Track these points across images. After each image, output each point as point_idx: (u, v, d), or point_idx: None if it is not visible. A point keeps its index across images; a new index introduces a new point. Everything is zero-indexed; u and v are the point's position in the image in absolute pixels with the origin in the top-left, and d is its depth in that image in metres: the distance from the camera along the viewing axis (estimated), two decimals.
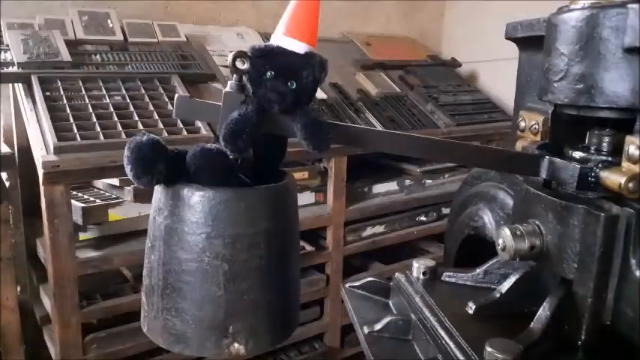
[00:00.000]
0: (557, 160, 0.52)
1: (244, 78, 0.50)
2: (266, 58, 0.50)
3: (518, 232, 0.50)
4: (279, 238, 0.51)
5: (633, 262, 0.45)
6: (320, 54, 0.53)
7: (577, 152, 0.53)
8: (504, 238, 0.50)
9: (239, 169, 0.51)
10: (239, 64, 0.49)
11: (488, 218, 0.74)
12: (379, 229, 1.64)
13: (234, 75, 0.50)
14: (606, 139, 0.52)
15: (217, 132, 0.49)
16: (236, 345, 0.49)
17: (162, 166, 0.47)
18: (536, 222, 0.51)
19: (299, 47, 0.51)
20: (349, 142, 0.56)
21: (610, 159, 0.50)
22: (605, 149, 0.52)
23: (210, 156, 0.48)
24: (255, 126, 0.48)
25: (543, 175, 0.53)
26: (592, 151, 0.53)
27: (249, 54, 0.49)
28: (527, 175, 0.55)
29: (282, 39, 0.51)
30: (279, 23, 0.52)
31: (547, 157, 0.53)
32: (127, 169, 0.47)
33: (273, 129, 0.51)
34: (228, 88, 0.50)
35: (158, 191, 0.51)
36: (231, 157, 0.49)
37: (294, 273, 0.56)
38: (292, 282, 0.55)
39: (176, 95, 0.53)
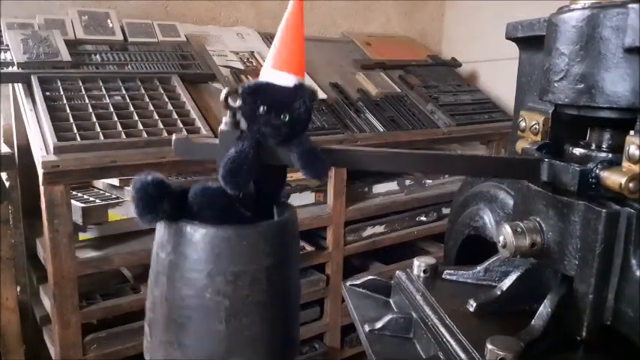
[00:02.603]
0: (557, 163, 0.52)
1: (238, 114, 0.51)
2: (257, 94, 0.51)
3: (518, 229, 0.50)
4: (280, 273, 0.52)
5: (634, 262, 0.45)
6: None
7: (577, 149, 0.53)
8: (505, 235, 0.50)
9: (240, 204, 0.52)
10: (231, 102, 0.50)
11: (488, 218, 0.75)
12: (379, 229, 1.64)
13: (228, 112, 0.51)
14: (606, 139, 0.52)
15: (217, 170, 0.50)
16: None
17: (167, 205, 0.48)
18: (537, 219, 0.51)
19: (288, 80, 0.52)
20: (346, 165, 0.57)
21: (610, 159, 0.50)
22: (605, 149, 0.52)
23: (210, 194, 0.49)
24: (252, 161, 0.49)
25: (544, 178, 0.53)
26: (593, 148, 0.53)
27: (240, 91, 0.50)
28: (528, 179, 0.55)
29: (271, 73, 0.53)
30: (267, 57, 0.54)
31: (546, 160, 0.53)
32: (132, 207, 0.48)
33: (270, 160, 0.52)
34: (223, 126, 0.51)
35: (161, 227, 0.52)
36: (231, 193, 0.50)
37: (294, 306, 0.56)
38: (292, 315, 0.56)
39: (173, 137, 0.53)
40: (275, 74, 0.52)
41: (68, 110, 1.20)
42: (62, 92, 1.25)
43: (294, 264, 0.55)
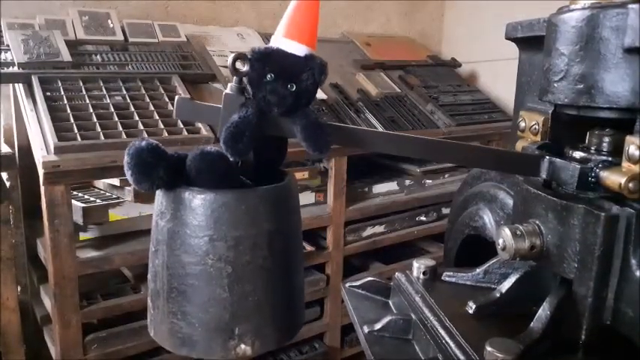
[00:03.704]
0: (558, 160, 0.52)
1: (244, 80, 0.50)
2: (266, 60, 0.50)
3: (518, 232, 0.50)
4: (281, 238, 0.51)
5: (633, 262, 0.45)
6: (320, 56, 0.53)
7: (577, 152, 0.53)
8: (504, 237, 0.50)
9: (240, 171, 0.52)
10: (239, 66, 0.49)
11: (488, 218, 0.74)
12: (379, 229, 1.64)
13: (234, 77, 0.50)
14: (606, 139, 0.52)
15: (218, 134, 0.49)
16: (242, 346, 0.49)
17: (163, 171, 0.48)
18: (537, 222, 0.51)
19: (299, 49, 0.51)
20: (349, 144, 0.56)
21: (610, 159, 0.50)
22: (605, 149, 0.52)
23: (210, 159, 0.48)
24: (255, 129, 0.48)
25: (544, 175, 0.53)
26: (592, 151, 0.53)
27: (249, 56, 0.49)
28: (527, 175, 0.55)
29: (282, 41, 0.51)
30: (279, 25, 0.52)
31: (547, 157, 0.53)
32: (128, 174, 0.47)
33: (273, 131, 0.51)
34: (228, 90, 0.50)
35: (160, 195, 0.51)
36: (231, 159, 0.49)
37: (297, 272, 0.56)
38: (296, 281, 0.55)
39: (177, 97, 0.53)
40: (286, 43, 0.51)
41: (69, 110, 1.20)
42: (63, 92, 1.25)
43: (295, 230, 0.54)
